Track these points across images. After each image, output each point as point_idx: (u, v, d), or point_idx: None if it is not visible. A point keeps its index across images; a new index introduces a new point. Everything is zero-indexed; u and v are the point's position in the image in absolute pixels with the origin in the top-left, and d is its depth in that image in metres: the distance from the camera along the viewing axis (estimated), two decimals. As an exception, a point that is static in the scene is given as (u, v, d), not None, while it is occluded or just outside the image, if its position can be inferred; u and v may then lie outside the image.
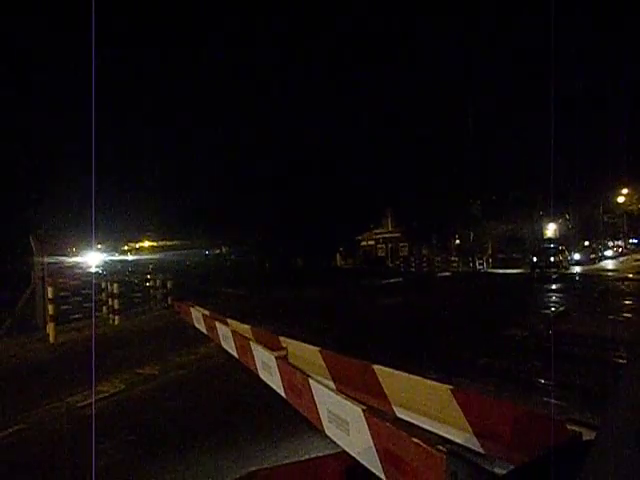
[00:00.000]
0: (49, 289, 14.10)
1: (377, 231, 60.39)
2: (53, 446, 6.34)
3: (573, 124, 47.27)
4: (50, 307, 13.87)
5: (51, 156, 34.01)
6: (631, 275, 31.24)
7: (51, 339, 13.55)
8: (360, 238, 61.46)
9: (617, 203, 64.29)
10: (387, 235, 59.53)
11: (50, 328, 13.73)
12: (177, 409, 7.60)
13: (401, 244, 57.90)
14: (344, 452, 2.77)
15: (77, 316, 16.27)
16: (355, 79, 49.15)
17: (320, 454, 4.38)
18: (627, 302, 18.08)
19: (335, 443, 2.91)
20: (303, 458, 4.81)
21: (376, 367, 3.25)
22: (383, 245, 60.47)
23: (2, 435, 6.69)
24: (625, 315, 15.14)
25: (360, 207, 50.61)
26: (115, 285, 17.11)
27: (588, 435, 2.02)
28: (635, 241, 77.53)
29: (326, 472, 3.10)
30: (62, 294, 15.66)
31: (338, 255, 59.50)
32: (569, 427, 2.10)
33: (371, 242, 61.74)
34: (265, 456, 5.50)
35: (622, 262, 51.28)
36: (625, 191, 61.87)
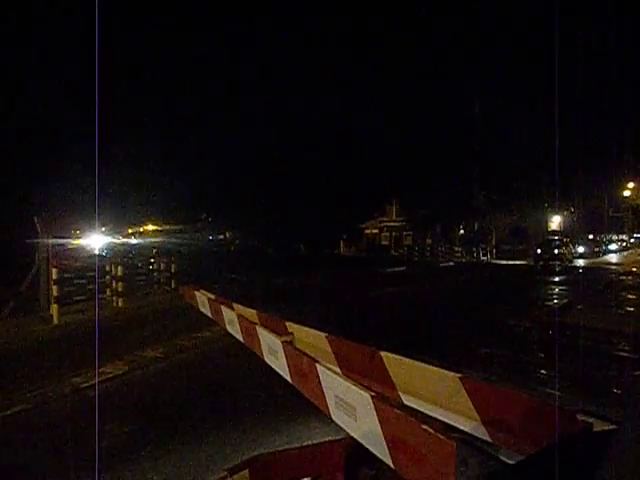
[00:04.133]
0: (53, 270, 14.12)
1: (381, 219, 60.41)
2: (56, 426, 6.37)
3: (579, 117, 47.06)
4: (54, 288, 13.89)
5: (55, 137, 33.94)
6: (635, 269, 31.22)
7: (54, 320, 13.57)
8: (364, 226, 61.45)
9: (622, 197, 64.02)
10: (391, 224, 59.57)
11: (54, 309, 13.75)
12: (180, 392, 7.62)
13: (405, 233, 57.97)
14: (347, 438, 2.76)
15: (81, 298, 16.30)
16: (361, 66, 48.88)
17: (323, 440, 4.38)
18: (631, 296, 18.06)
19: (340, 429, 2.90)
20: (306, 443, 4.82)
21: (383, 354, 3.23)
22: (387, 233, 60.53)
23: (5, 415, 6.71)
24: (628, 309, 15.13)
25: (365, 195, 50.56)
26: (119, 268, 17.14)
27: (599, 426, 2.00)
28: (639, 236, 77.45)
29: (329, 458, 3.09)
30: (66, 276, 15.67)
31: (342, 243, 59.49)
32: (580, 418, 2.08)
33: (375, 230, 61.77)
34: (268, 440, 5.52)
35: (626, 256, 51.29)
36: (631, 185, 61.59)
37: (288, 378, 3.66)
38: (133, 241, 57.38)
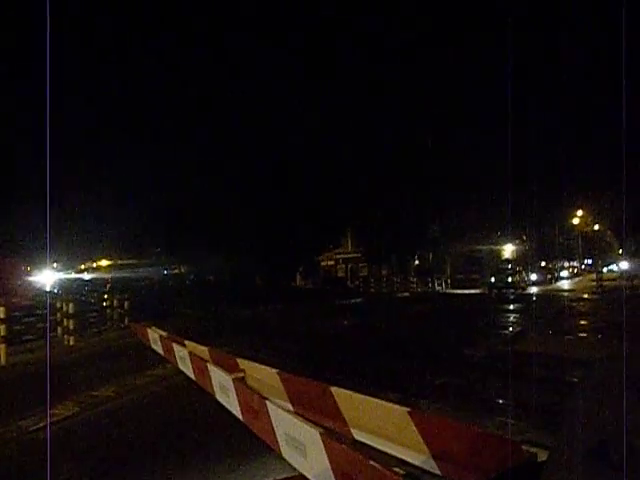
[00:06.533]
0: (0, 309, 13.76)
1: (337, 251, 60.57)
2: (2, 472, 6.16)
3: (529, 147, 48.39)
4: (1, 328, 13.52)
5: (5, 173, 33.42)
6: (586, 295, 31.89)
7: (1, 361, 13.20)
8: (320, 258, 61.52)
9: (572, 225, 65.64)
10: (347, 255, 59.77)
11: (1, 350, 13.37)
12: (132, 432, 7.45)
13: (361, 264, 58.22)
14: (301, 475, 2.74)
15: (30, 337, 15.90)
16: (314, 96, 49.49)
17: (278, 477, 4.32)
18: (582, 322, 18.42)
19: (292, 466, 2.88)
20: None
21: (334, 389, 3.23)
22: (343, 265, 60.69)
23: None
24: (581, 334, 15.41)
25: (320, 227, 50.73)
26: (70, 305, 16.78)
27: (543, 456, 2.02)
28: (589, 262, 79.32)
29: (283, 496, 3.06)
30: (15, 314, 15.29)
31: (298, 275, 59.37)
32: (524, 448, 2.11)
33: (331, 262, 61.85)
34: (222, 480, 5.42)
35: (577, 282, 52.40)
36: (580, 213, 63.18)
37: (239, 416, 3.64)
38: (86, 277, 56.45)
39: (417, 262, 55.74)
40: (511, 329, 17.20)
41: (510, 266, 42.82)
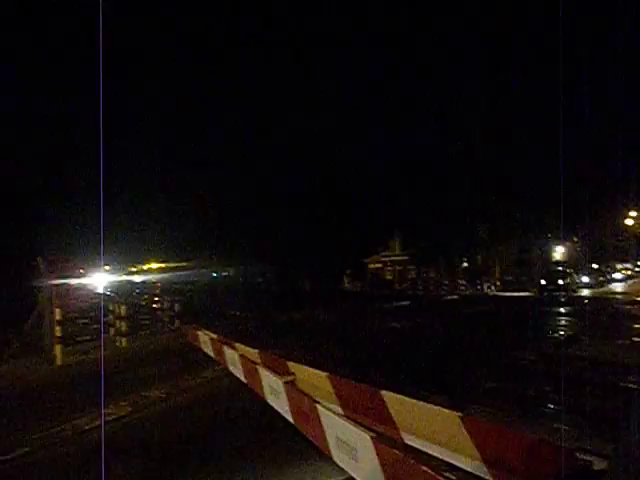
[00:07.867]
0: (57, 311, 14.08)
1: (385, 254, 60.34)
2: (59, 470, 6.32)
3: (582, 147, 47.46)
4: (57, 329, 13.84)
5: (59, 176, 34.25)
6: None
7: (58, 361, 13.51)
8: (367, 260, 61.42)
9: (625, 226, 64.00)
10: (395, 258, 59.47)
11: (57, 350, 13.68)
12: (184, 433, 7.56)
13: (409, 267, 57.85)
14: (351, 479, 2.75)
15: (84, 338, 16.27)
16: (364, 102, 49.51)
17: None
18: (636, 325, 17.97)
19: (342, 470, 2.89)
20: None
21: (384, 393, 3.23)
22: (391, 268, 60.38)
23: (6, 459, 6.66)
24: (634, 339, 15.04)
25: (368, 229, 50.69)
26: (123, 307, 17.10)
27: (599, 464, 1.99)
28: (643, 264, 77.30)
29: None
30: (70, 316, 15.66)
31: (345, 277, 59.34)
32: (579, 456, 2.08)
33: (379, 265, 61.65)
34: (272, 481, 5.46)
35: (631, 285, 51.09)
36: (633, 214, 61.59)
37: (290, 419, 3.67)
38: (138, 279, 57.47)
39: (466, 264, 55.14)
40: (562, 333, 16.89)
41: (561, 268, 41.99)
